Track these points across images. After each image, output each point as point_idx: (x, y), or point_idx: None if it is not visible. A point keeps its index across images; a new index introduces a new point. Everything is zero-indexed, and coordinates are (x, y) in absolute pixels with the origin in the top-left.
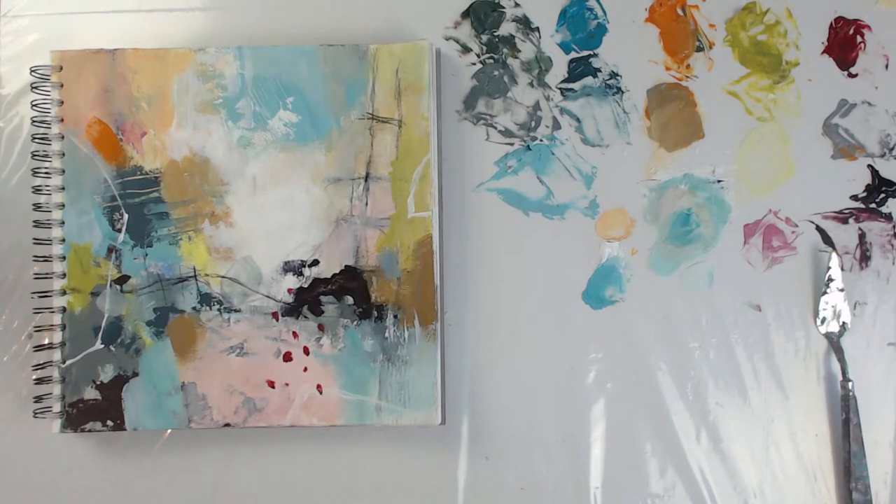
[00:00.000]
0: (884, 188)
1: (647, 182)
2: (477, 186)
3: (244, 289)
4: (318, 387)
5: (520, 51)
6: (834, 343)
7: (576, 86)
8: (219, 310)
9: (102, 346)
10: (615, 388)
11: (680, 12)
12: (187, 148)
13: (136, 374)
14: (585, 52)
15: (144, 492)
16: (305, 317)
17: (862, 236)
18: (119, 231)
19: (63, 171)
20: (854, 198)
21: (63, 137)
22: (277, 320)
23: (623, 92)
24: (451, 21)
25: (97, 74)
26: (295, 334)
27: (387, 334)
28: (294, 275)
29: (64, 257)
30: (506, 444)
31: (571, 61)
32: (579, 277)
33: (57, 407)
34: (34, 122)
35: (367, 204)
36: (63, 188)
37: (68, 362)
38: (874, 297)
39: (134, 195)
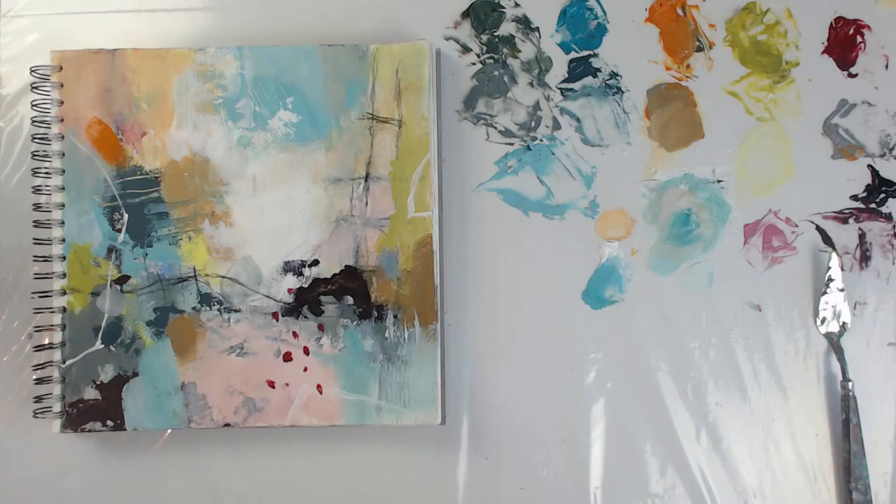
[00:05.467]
0: (884, 188)
1: (647, 182)
2: (477, 186)
3: (244, 289)
4: (318, 387)
5: (520, 51)
6: (834, 343)
7: (576, 86)
8: (219, 310)
9: (102, 346)
10: (615, 388)
11: (680, 12)
12: (187, 148)
13: (136, 374)
14: (585, 52)
15: (144, 492)
16: (305, 317)
17: (862, 236)
18: (119, 231)
19: (63, 171)
20: (854, 198)
21: (63, 137)
22: (277, 320)
23: (623, 92)
24: (451, 21)
25: (97, 74)
26: (295, 334)
27: (387, 334)
28: (294, 275)
29: (64, 257)
30: (506, 444)
31: (571, 61)
32: (579, 277)
33: (57, 407)
34: (34, 122)
35: (367, 204)
36: (63, 188)
37: (68, 362)
38: (874, 297)
39: (134, 195)
